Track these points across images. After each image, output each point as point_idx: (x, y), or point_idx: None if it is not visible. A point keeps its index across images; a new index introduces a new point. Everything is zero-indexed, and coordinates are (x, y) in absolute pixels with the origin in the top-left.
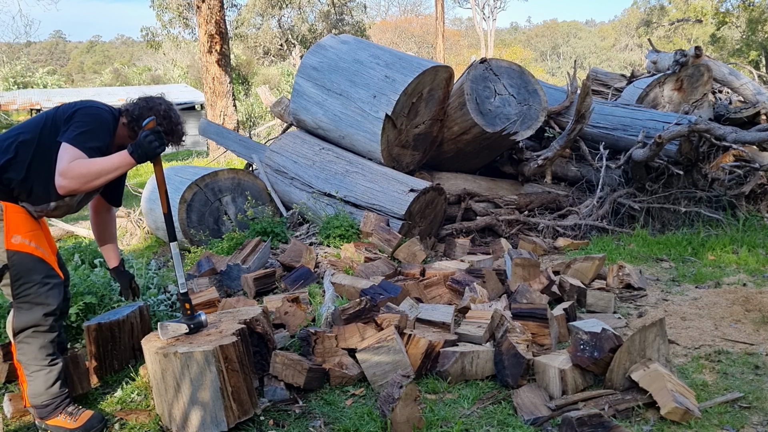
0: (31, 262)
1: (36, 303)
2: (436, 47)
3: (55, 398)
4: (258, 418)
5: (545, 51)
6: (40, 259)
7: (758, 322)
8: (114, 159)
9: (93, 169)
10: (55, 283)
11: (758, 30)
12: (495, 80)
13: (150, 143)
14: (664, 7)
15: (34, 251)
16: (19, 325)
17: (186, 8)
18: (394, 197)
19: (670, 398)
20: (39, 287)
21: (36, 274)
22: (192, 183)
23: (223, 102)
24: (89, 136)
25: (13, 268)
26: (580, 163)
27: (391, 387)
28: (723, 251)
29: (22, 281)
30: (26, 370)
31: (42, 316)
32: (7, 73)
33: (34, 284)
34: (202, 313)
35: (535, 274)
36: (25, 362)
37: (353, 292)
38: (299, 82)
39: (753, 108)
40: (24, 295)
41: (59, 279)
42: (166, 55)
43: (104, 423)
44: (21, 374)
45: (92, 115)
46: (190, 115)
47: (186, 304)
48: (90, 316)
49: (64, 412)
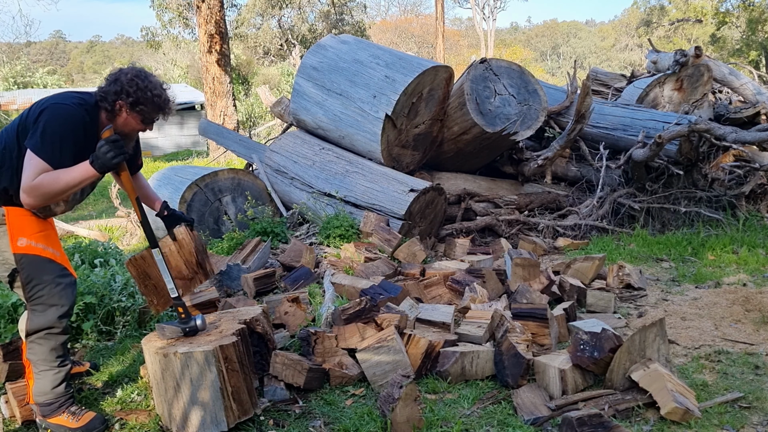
0: (40, 263)
1: (49, 304)
2: (436, 47)
3: (59, 398)
4: (258, 418)
5: (545, 51)
6: (49, 260)
7: (758, 322)
8: (76, 173)
9: (56, 188)
10: (67, 282)
11: (758, 30)
12: (495, 80)
13: (105, 154)
14: (664, 7)
15: (41, 252)
16: (33, 327)
17: (186, 8)
18: (394, 197)
19: (670, 398)
20: (51, 288)
21: (47, 275)
22: (192, 183)
23: (223, 102)
24: (55, 141)
25: (23, 271)
26: (580, 163)
27: (391, 387)
28: (723, 251)
29: (33, 283)
30: (35, 368)
31: (56, 318)
32: (7, 73)
33: (45, 285)
34: (199, 317)
35: (535, 274)
36: (34, 361)
37: (353, 292)
38: (299, 82)
39: (753, 108)
40: (37, 297)
41: (72, 278)
42: (166, 55)
43: (106, 425)
44: (29, 371)
45: (59, 116)
46: (190, 115)
47: (179, 308)
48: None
49: (66, 411)
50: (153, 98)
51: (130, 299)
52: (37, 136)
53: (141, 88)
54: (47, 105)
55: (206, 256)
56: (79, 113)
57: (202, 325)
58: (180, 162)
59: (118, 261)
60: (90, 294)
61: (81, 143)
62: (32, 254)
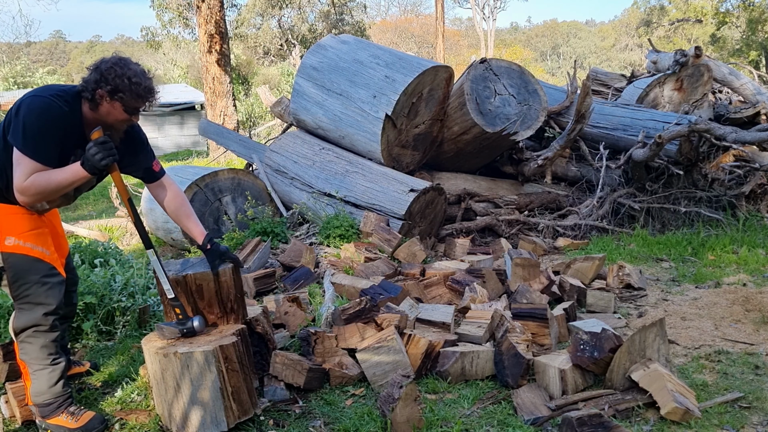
0: (26, 262)
1: (36, 303)
2: (436, 47)
3: (57, 397)
4: (258, 418)
5: (545, 51)
6: (36, 259)
7: (758, 322)
8: (68, 173)
9: (49, 188)
10: (54, 282)
11: (758, 30)
12: (495, 80)
13: (93, 156)
14: (664, 7)
15: (29, 251)
16: (20, 326)
17: (186, 8)
18: (394, 197)
19: (670, 398)
20: (37, 287)
21: (33, 275)
22: (192, 183)
23: (223, 102)
24: (36, 136)
25: (9, 270)
26: (580, 163)
27: (391, 387)
28: (723, 251)
29: (19, 282)
30: (30, 369)
31: (42, 316)
32: (7, 73)
33: (32, 284)
34: (196, 318)
35: (535, 274)
36: (27, 361)
37: (353, 292)
38: (299, 82)
39: (753, 108)
40: (23, 296)
41: (60, 278)
42: (166, 55)
43: (105, 424)
44: (25, 372)
45: (35, 109)
46: (190, 115)
47: (176, 309)
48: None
49: (66, 411)
50: (131, 85)
51: (130, 299)
52: (19, 133)
53: (119, 75)
54: (24, 99)
55: (243, 304)
56: (55, 104)
57: (200, 327)
58: (180, 162)
59: (118, 261)
60: (90, 294)
61: (62, 134)
62: (19, 253)
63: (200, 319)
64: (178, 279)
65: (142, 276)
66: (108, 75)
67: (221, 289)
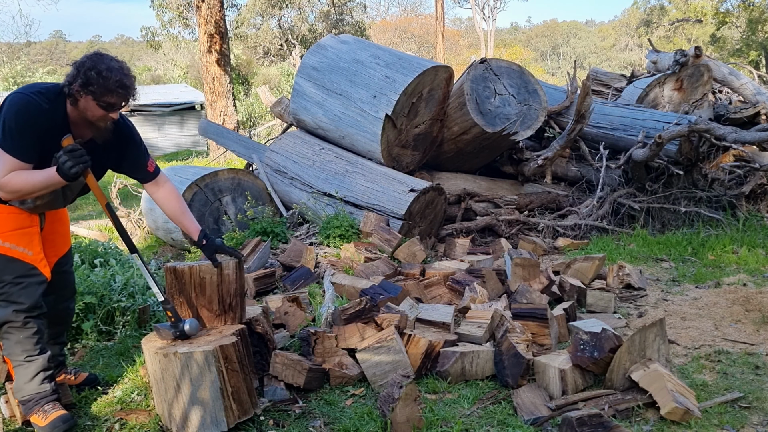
0: (2, 263)
1: (9, 301)
2: (436, 47)
3: (34, 394)
4: (258, 418)
5: (545, 51)
6: (13, 259)
7: (758, 322)
8: (44, 176)
9: (25, 188)
10: (31, 282)
11: (758, 30)
12: (495, 80)
13: (63, 164)
14: (664, 7)
15: (8, 252)
16: None
17: (186, 8)
18: (394, 197)
19: (670, 398)
20: (11, 287)
21: (7, 275)
22: (192, 183)
23: (223, 102)
24: (14, 132)
25: None
26: (580, 163)
27: (391, 387)
28: (723, 251)
29: None
30: (12, 365)
31: (12, 313)
32: (7, 73)
33: (5, 284)
34: (188, 321)
35: (535, 274)
36: (9, 357)
37: (353, 292)
38: (299, 82)
39: (753, 108)
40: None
41: (41, 278)
42: (166, 55)
43: (69, 424)
44: (11, 369)
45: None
46: (190, 115)
47: (168, 312)
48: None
49: (41, 409)
50: (100, 78)
51: (129, 299)
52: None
53: (89, 68)
54: (7, 97)
55: (243, 301)
56: (34, 101)
57: (191, 330)
58: (180, 162)
59: (118, 261)
60: (90, 294)
61: (41, 132)
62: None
63: (192, 322)
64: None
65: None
66: (81, 68)
67: (223, 283)
